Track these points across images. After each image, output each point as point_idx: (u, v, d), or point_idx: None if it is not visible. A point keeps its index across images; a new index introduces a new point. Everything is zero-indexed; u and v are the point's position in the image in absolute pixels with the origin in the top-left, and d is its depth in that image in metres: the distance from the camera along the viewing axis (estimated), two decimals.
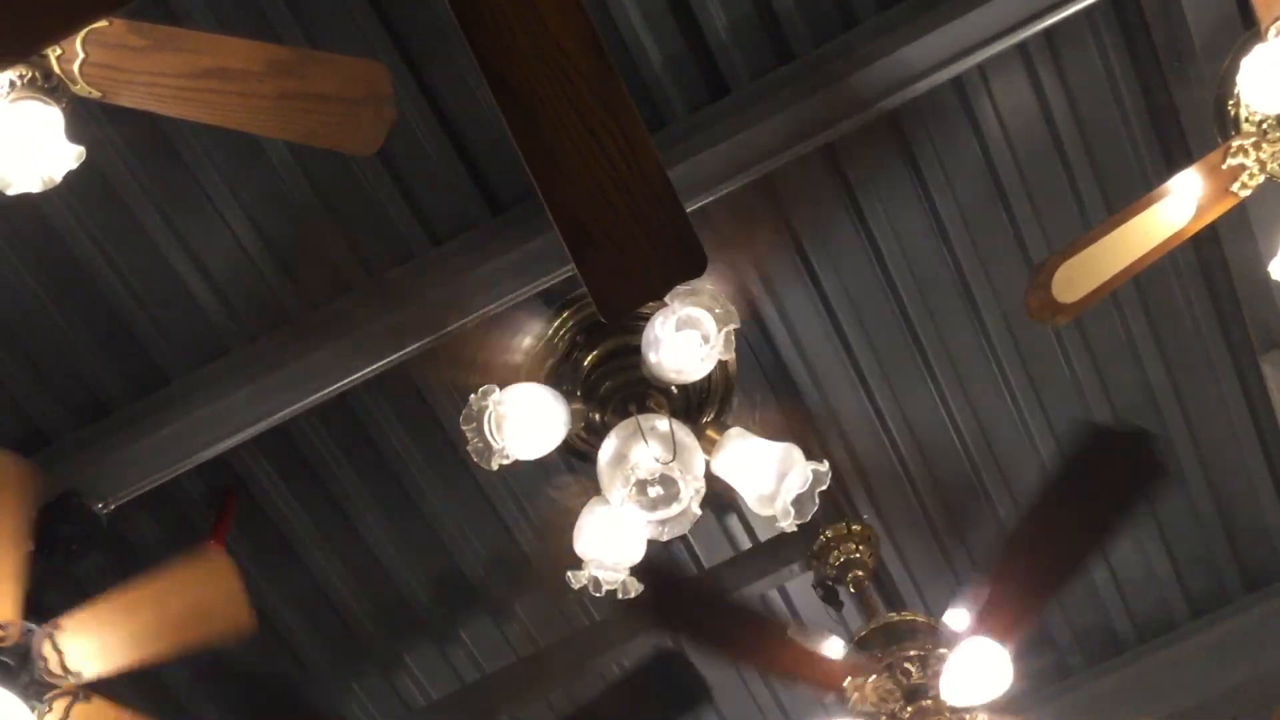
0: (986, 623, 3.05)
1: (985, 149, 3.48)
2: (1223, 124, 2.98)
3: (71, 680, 2.77)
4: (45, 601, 2.97)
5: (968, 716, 3.16)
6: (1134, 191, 3.32)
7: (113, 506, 3.55)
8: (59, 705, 2.78)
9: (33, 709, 2.77)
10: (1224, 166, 2.92)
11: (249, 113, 2.58)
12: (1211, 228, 3.20)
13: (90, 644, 2.76)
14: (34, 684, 2.75)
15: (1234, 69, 2.91)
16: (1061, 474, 2.97)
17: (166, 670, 3.73)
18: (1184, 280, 3.75)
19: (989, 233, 3.61)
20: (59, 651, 2.75)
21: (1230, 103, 2.95)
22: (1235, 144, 2.93)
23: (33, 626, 2.77)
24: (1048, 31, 3.24)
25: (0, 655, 2.73)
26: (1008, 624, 3.04)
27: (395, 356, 3.43)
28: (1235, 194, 2.96)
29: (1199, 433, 4.03)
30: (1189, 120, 3.40)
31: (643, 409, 3.09)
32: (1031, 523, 3.02)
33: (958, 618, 3.19)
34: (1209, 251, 3.69)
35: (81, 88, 2.54)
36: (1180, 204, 2.96)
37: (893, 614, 3.42)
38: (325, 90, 2.55)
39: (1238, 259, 3.66)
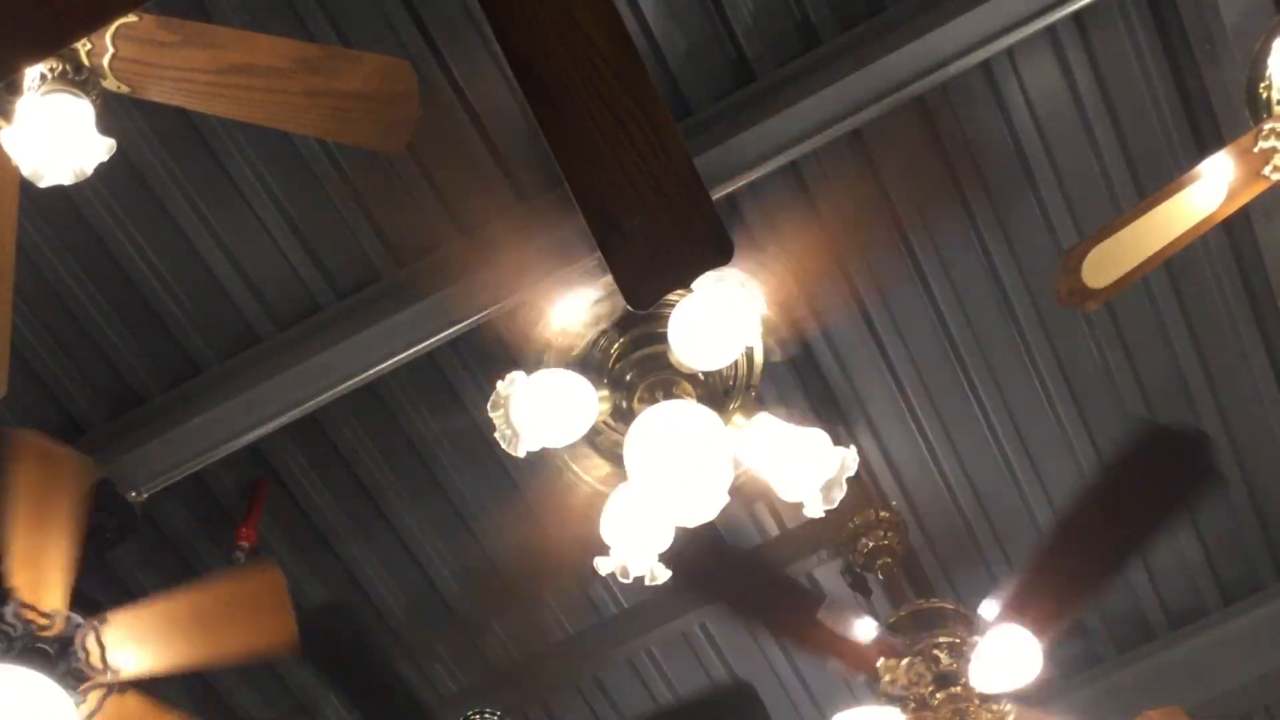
0: (1020, 614, 3.05)
1: (1014, 133, 3.46)
2: (1254, 107, 2.94)
3: (110, 675, 2.81)
4: (80, 589, 3.01)
5: (995, 705, 3.16)
6: (1164, 175, 3.29)
7: (146, 495, 3.59)
8: (94, 697, 2.82)
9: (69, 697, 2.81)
10: (1255, 150, 2.88)
11: (276, 109, 2.59)
12: (1243, 212, 3.17)
13: (134, 643, 2.80)
14: (71, 674, 2.79)
15: (1266, 51, 2.88)
16: (1110, 471, 2.95)
17: None
18: (1216, 265, 3.72)
19: (1018, 218, 3.59)
20: (101, 646, 2.79)
21: (1262, 85, 2.91)
22: (1267, 127, 2.89)
23: (79, 620, 2.81)
24: (1077, 14, 3.21)
25: (40, 643, 2.77)
26: (1042, 618, 3.03)
27: (424, 345, 3.45)
28: (1267, 178, 2.92)
29: (1231, 419, 4.00)
30: (1220, 103, 3.37)
31: (669, 395, 3.09)
32: (1075, 518, 3.00)
33: (990, 608, 3.19)
34: (1241, 235, 3.66)
35: (111, 82, 2.57)
36: (1211, 188, 2.93)
37: (922, 600, 3.42)
38: (352, 87, 2.57)
39: (1270, 243, 3.63)
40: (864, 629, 3.25)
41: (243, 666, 3.88)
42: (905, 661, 3.22)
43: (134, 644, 2.80)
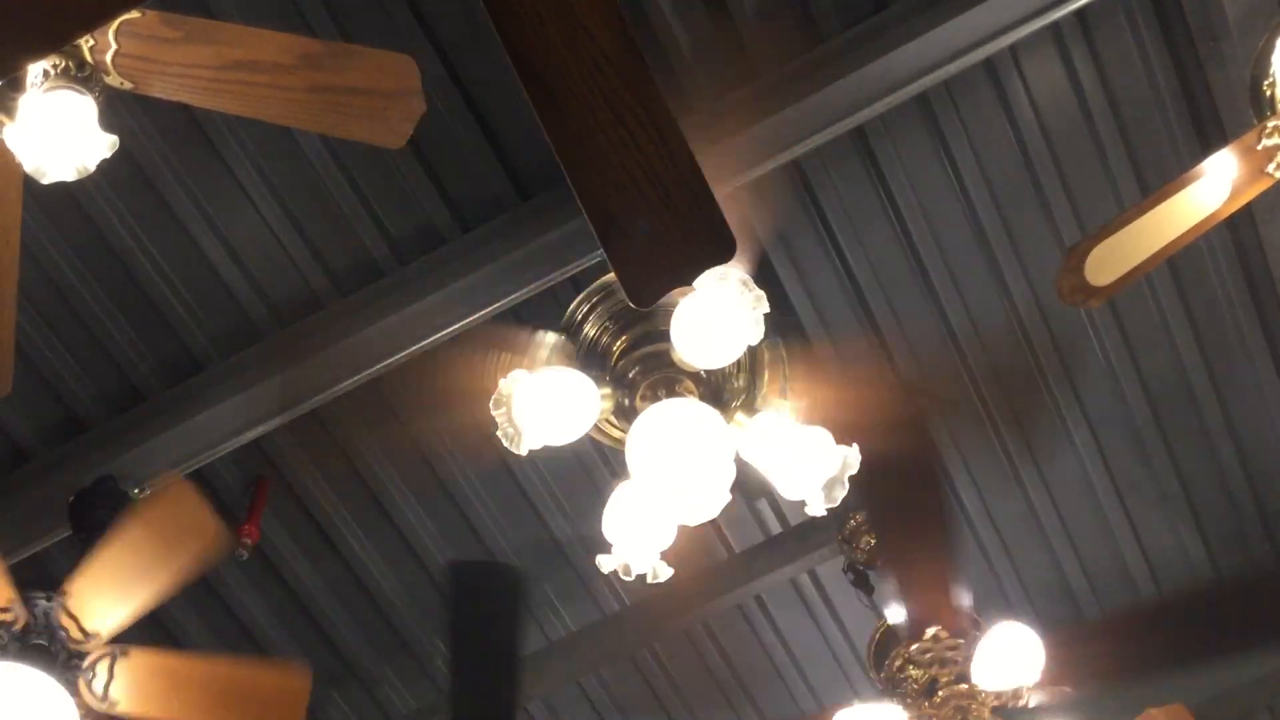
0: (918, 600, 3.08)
1: (1017, 130, 3.46)
2: (1258, 104, 2.93)
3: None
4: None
5: (998, 702, 3.15)
6: (1168, 173, 3.29)
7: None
8: (101, 668, 2.82)
9: (72, 681, 2.81)
10: (1259, 147, 2.88)
11: (279, 105, 2.59)
12: (1247, 209, 3.17)
13: (98, 600, 2.80)
14: (70, 656, 2.80)
15: (1269, 48, 2.86)
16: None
17: None
18: (1219, 263, 3.72)
19: (1021, 215, 3.59)
20: (74, 617, 2.79)
21: (1266, 83, 2.90)
22: (1271, 124, 2.88)
23: (38, 598, 2.81)
24: (1080, 11, 3.21)
25: (32, 638, 2.77)
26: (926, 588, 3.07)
27: (426, 342, 3.45)
28: (1271, 175, 2.91)
29: (1233, 415, 4.00)
30: (1223, 101, 3.36)
31: (672, 393, 3.09)
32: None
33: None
34: (1244, 233, 3.66)
35: (114, 78, 2.56)
36: (1215, 185, 2.92)
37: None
38: (354, 83, 2.57)
39: (1273, 241, 3.63)
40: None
41: None
42: (907, 658, 3.22)
43: (99, 600, 2.80)
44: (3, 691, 2.70)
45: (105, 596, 2.79)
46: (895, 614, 3.16)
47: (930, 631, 3.13)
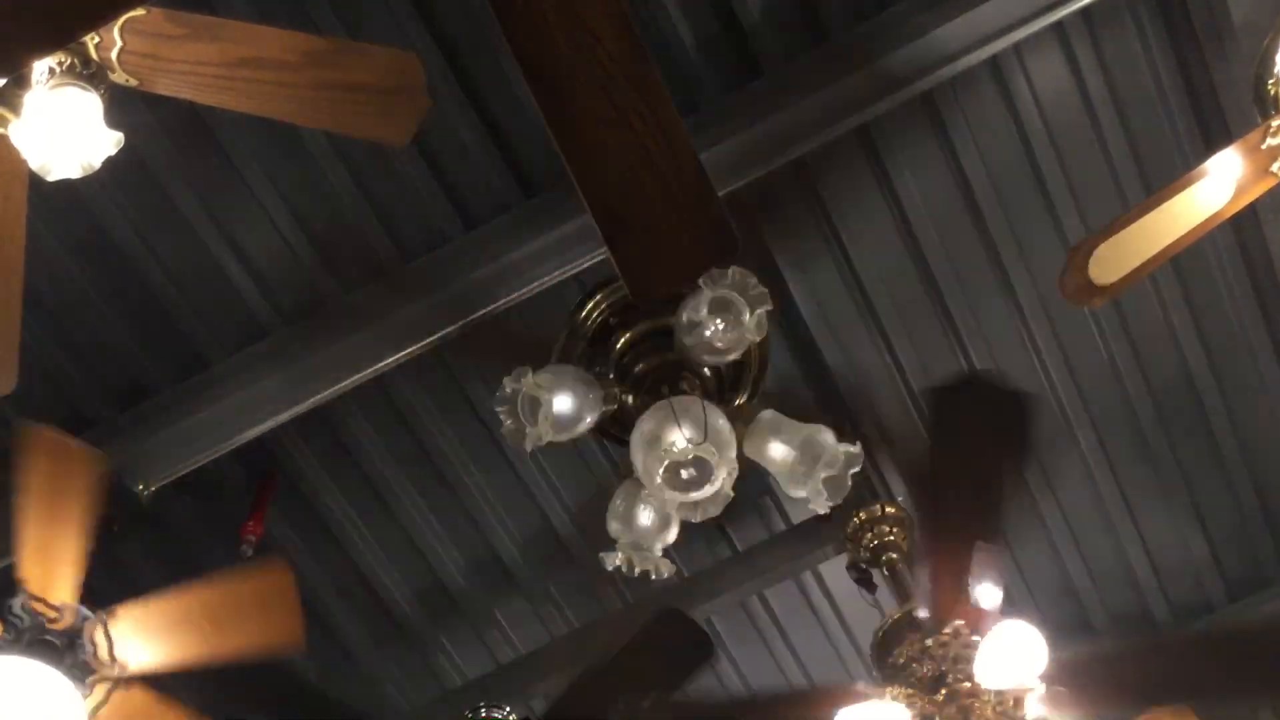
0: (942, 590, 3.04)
1: (1021, 129, 3.45)
2: (1262, 103, 2.93)
3: (117, 670, 2.82)
4: (86, 581, 3.02)
5: (1001, 701, 3.15)
6: (1172, 172, 3.28)
7: (153, 488, 3.60)
8: (100, 690, 2.83)
9: (78, 665, 2.82)
10: (1263, 146, 2.87)
11: (284, 102, 2.60)
12: (1251, 209, 3.17)
13: (141, 637, 2.81)
14: (78, 666, 2.80)
15: (1274, 47, 2.86)
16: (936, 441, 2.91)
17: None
18: (1223, 262, 3.71)
19: (1025, 214, 3.59)
20: (110, 639, 2.80)
21: (1270, 81, 2.90)
22: (1275, 124, 2.88)
23: (88, 613, 2.82)
24: (1084, 10, 3.21)
25: (48, 635, 2.78)
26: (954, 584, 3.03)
27: (430, 340, 3.46)
28: (1275, 174, 2.91)
29: (1237, 415, 3.99)
30: (1228, 99, 3.36)
31: (675, 391, 3.10)
32: (931, 495, 2.98)
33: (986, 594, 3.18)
34: (1248, 233, 3.66)
35: (119, 75, 2.57)
36: (1219, 185, 2.92)
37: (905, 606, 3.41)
38: (359, 80, 2.57)
39: (1278, 240, 3.62)
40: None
41: None
42: (910, 657, 3.21)
43: (141, 638, 2.81)
44: (9, 684, 2.71)
45: (152, 636, 2.81)
46: (921, 603, 3.13)
47: (952, 626, 3.10)
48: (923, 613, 3.14)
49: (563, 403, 3.03)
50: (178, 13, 2.54)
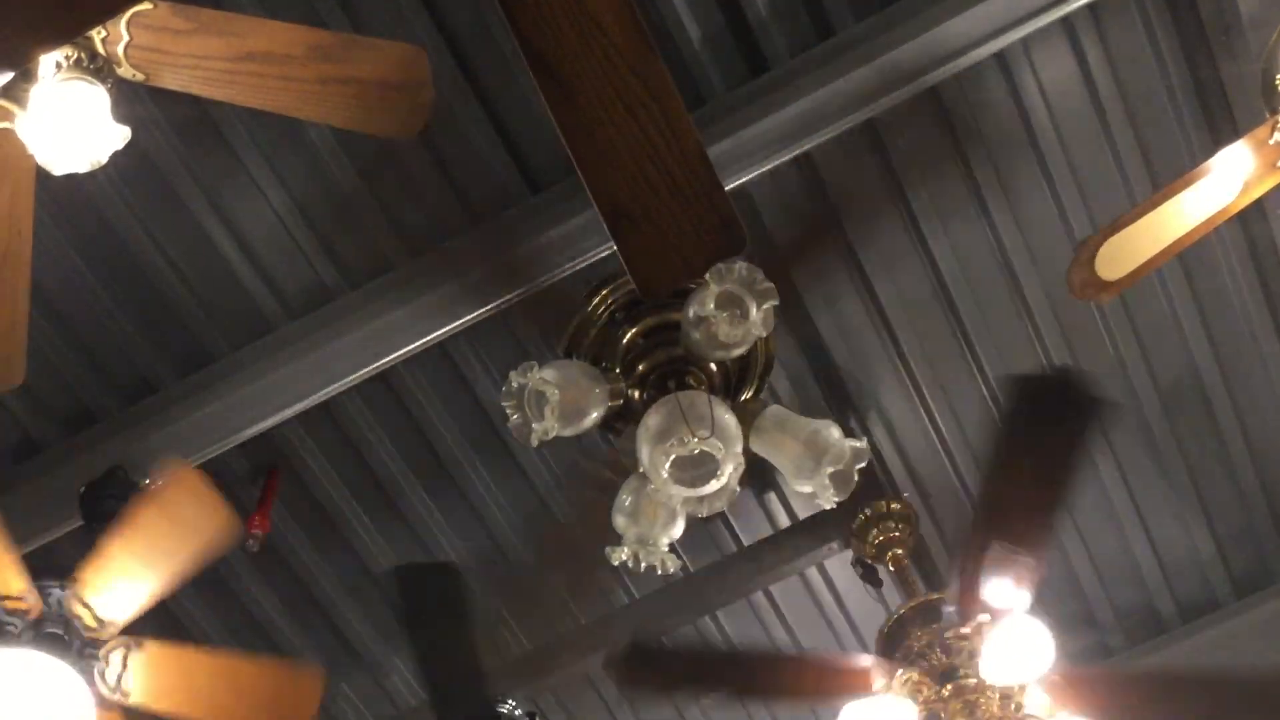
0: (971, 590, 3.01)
1: (1028, 124, 3.45)
2: (1270, 98, 2.93)
3: (113, 629, 2.82)
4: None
5: (1006, 696, 3.15)
6: (1179, 167, 3.28)
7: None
8: (115, 656, 2.83)
9: (88, 670, 2.82)
10: (1271, 142, 2.87)
11: (290, 96, 2.60)
12: (1258, 204, 3.16)
13: (110, 587, 2.80)
14: (85, 644, 2.81)
15: None
16: (1008, 428, 2.86)
17: None
18: (1230, 258, 3.70)
19: (1032, 209, 3.58)
20: (87, 606, 2.80)
21: (1278, 77, 2.90)
22: None
23: (51, 587, 2.81)
24: (1091, 5, 3.20)
25: (46, 627, 2.78)
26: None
27: (436, 335, 3.46)
28: None
29: (1244, 411, 3.99)
30: (1235, 95, 3.35)
31: (682, 386, 3.10)
32: (993, 483, 2.92)
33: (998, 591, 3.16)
34: (1255, 228, 3.65)
35: (126, 70, 2.57)
36: (1226, 180, 2.92)
37: (932, 594, 3.41)
38: (365, 75, 2.57)
39: None
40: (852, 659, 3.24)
41: None
42: (915, 653, 3.21)
43: (111, 589, 2.80)
44: (19, 679, 2.71)
45: (117, 584, 2.81)
46: (950, 592, 3.11)
47: (976, 620, 3.08)
48: (949, 606, 3.12)
49: (568, 398, 3.03)
50: (185, 7, 2.54)
